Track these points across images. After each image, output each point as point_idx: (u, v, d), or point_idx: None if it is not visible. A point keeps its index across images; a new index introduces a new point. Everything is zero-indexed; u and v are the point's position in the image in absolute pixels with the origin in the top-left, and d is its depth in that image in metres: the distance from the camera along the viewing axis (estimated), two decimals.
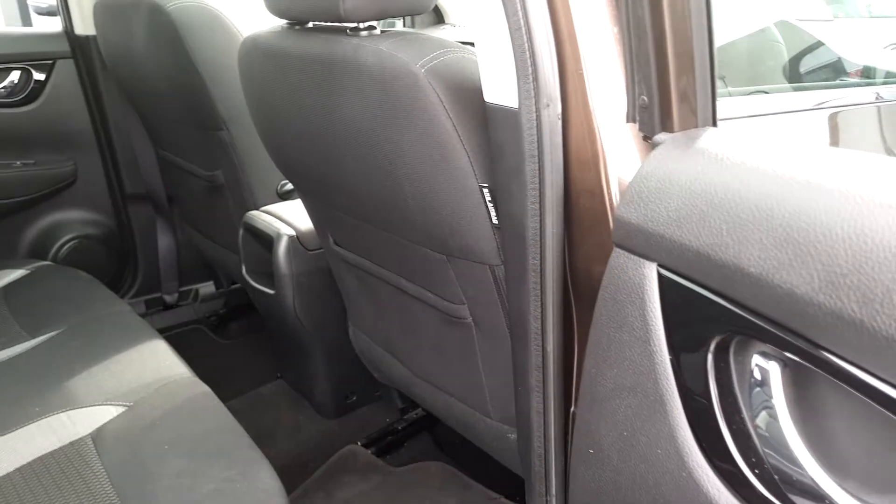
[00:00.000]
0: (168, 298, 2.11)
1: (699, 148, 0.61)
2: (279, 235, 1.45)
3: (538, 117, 0.73)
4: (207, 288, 2.17)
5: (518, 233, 0.80)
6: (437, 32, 2.19)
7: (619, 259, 0.64)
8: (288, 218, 1.50)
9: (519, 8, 0.70)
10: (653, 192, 0.61)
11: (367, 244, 1.18)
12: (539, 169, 0.75)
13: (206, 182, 1.71)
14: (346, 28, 0.94)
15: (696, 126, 0.65)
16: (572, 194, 0.77)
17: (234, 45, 1.44)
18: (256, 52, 1.08)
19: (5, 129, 1.80)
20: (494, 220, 0.88)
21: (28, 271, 1.57)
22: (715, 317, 0.55)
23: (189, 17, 1.45)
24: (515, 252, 0.82)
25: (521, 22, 0.70)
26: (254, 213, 1.55)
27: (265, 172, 1.60)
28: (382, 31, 0.94)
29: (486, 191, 0.86)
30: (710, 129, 0.64)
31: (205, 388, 1.15)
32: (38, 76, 1.81)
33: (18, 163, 1.84)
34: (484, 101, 0.79)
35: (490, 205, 0.87)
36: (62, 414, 1.08)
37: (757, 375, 0.55)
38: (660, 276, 0.59)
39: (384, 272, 1.17)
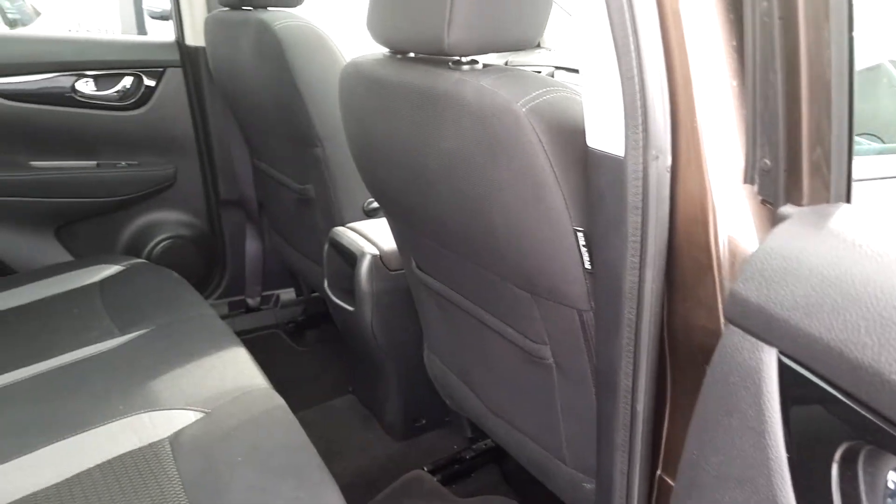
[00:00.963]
0: (251, 302, 2.17)
1: (833, 229, 0.55)
2: (363, 254, 1.46)
3: (645, 168, 0.69)
4: (288, 294, 2.21)
5: (614, 284, 0.77)
6: (532, 56, 2.17)
7: (734, 338, 0.59)
8: (372, 237, 1.50)
9: (633, 56, 0.67)
10: (777, 272, 0.56)
11: (450, 272, 1.16)
12: (642, 221, 0.71)
13: (297, 195, 1.75)
14: (449, 61, 0.93)
15: (828, 201, 0.60)
16: (676, 249, 0.73)
17: (335, 66, 1.47)
18: (358, 78, 1.08)
19: (115, 131, 1.90)
20: (587, 265, 0.85)
21: (123, 267, 1.64)
22: (845, 420, 0.50)
23: (294, 36, 1.48)
24: (609, 302, 0.79)
25: (635, 70, 0.67)
26: (340, 229, 1.57)
27: (354, 190, 1.62)
28: (485, 66, 0.92)
29: (580, 235, 0.83)
30: (844, 207, 0.59)
31: (280, 401, 1.16)
32: (149, 82, 1.90)
33: (123, 163, 1.94)
34: (585, 144, 0.76)
35: (584, 249, 0.84)
36: (144, 414, 1.11)
37: (891, 490, 0.49)
38: (780, 364, 0.54)
39: (466, 302, 1.15)
